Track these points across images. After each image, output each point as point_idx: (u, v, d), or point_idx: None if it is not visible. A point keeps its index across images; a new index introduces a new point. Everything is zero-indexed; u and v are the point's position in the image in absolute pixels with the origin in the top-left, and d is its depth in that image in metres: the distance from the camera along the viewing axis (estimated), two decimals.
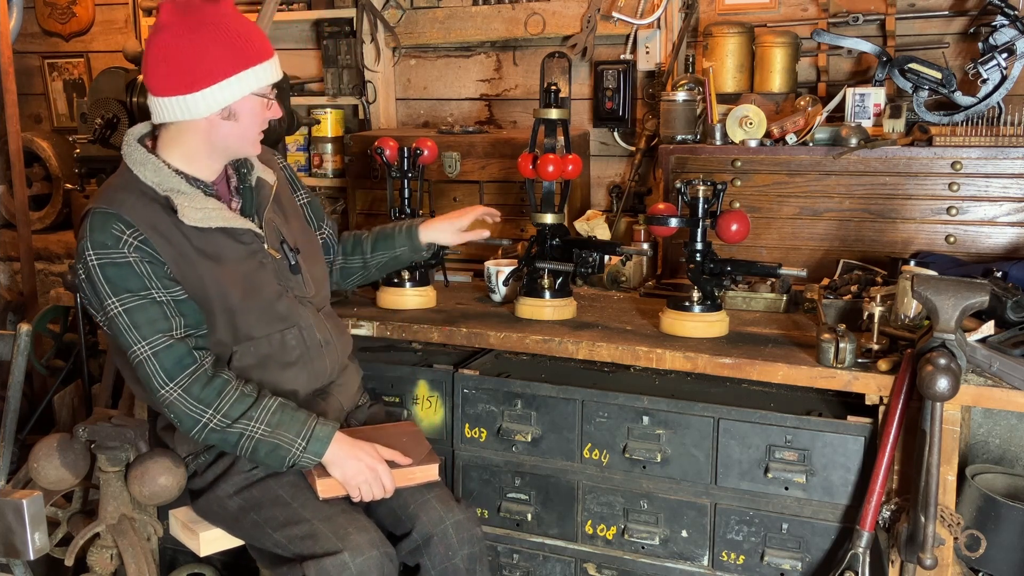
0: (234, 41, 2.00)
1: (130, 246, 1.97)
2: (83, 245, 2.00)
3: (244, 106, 2.04)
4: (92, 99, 2.88)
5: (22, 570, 2.38)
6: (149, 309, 1.98)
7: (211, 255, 2.06)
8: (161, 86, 2.01)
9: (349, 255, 2.51)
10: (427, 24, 3.66)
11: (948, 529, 2.01)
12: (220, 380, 2.00)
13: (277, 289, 2.15)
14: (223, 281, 2.06)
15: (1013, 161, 2.61)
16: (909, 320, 2.21)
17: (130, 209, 2.00)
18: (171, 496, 2.32)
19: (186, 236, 2.03)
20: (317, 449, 2.01)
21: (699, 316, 2.35)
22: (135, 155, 2.07)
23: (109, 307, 1.98)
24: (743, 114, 2.90)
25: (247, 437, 1.99)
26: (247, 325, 2.10)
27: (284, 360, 2.15)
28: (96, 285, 1.99)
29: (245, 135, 2.09)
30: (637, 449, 2.27)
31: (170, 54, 1.99)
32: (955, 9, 3.02)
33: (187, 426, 2.00)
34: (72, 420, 3.30)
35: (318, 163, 3.82)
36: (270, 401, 2.02)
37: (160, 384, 1.98)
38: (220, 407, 1.98)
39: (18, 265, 4.23)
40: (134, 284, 1.97)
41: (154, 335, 1.97)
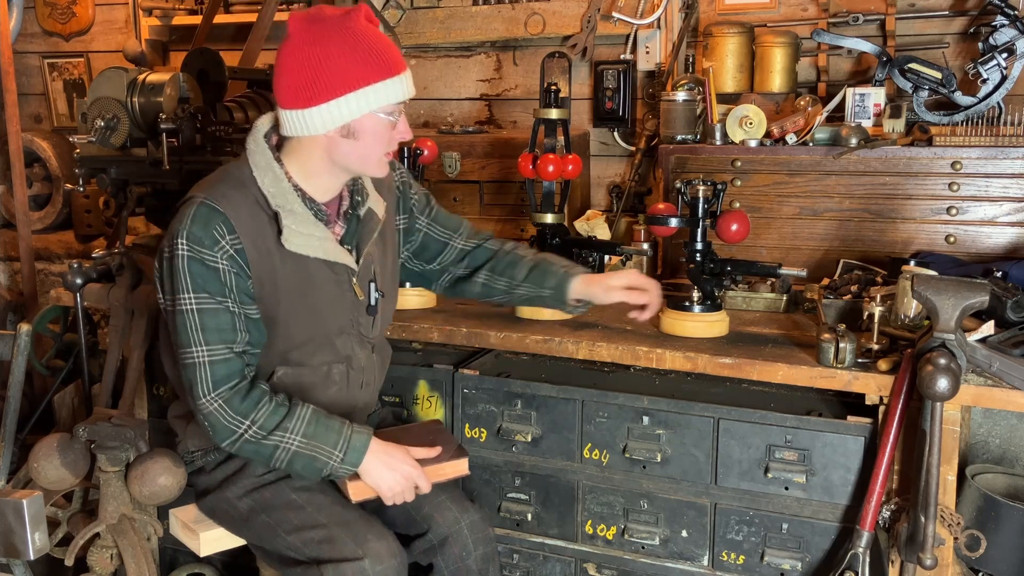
0: (356, 55, 1.90)
1: (225, 253, 1.92)
2: (178, 230, 1.92)
3: (365, 125, 1.94)
4: (92, 99, 2.88)
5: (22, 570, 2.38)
6: (220, 316, 1.93)
7: (297, 283, 2.01)
8: (283, 98, 1.94)
9: (498, 274, 2.34)
10: (427, 24, 3.66)
11: (948, 529, 2.01)
12: (257, 392, 1.96)
13: (345, 325, 2.11)
14: (298, 310, 2.03)
15: (1013, 161, 2.61)
16: (909, 320, 2.21)
17: (237, 213, 1.94)
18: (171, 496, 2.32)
19: (281, 257, 1.98)
20: (354, 459, 1.98)
21: (699, 316, 2.35)
22: (260, 158, 2.00)
23: (182, 301, 1.93)
24: (743, 114, 2.90)
25: (283, 449, 1.95)
26: (302, 353, 2.07)
27: (323, 391, 2.11)
28: (177, 275, 1.92)
29: (366, 156, 1.99)
30: (637, 449, 2.27)
31: (291, 65, 1.92)
32: (955, 9, 3.02)
33: (222, 436, 1.96)
34: (72, 420, 3.30)
35: None
36: (303, 410, 1.97)
37: (204, 392, 1.93)
38: (256, 419, 1.94)
39: (18, 265, 4.23)
40: (214, 288, 1.92)
41: (217, 344, 1.93)
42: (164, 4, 4.10)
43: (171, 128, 2.75)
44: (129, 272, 2.70)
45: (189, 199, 1.97)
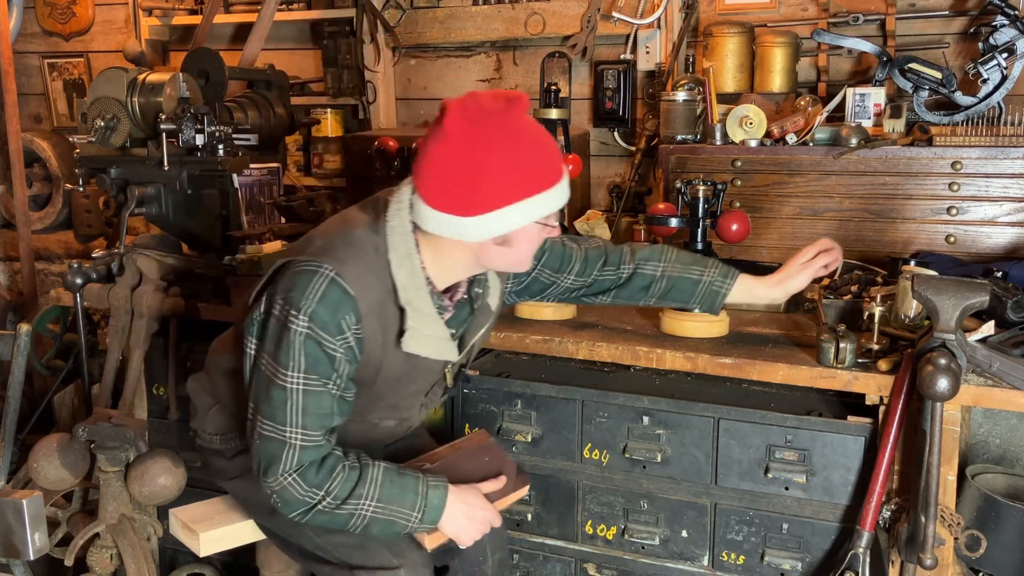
0: (522, 165, 1.75)
1: (346, 343, 1.79)
2: (300, 303, 1.76)
3: (521, 234, 1.81)
4: (92, 99, 2.88)
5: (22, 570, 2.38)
6: (323, 399, 1.80)
7: (398, 374, 1.93)
8: (434, 198, 1.77)
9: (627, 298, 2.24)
10: (427, 24, 3.66)
11: (948, 529, 2.01)
12: (332, 459, 1.83)
13: (419, 393, 2.05)
14: (385, 392, 1.96)
15: (1013, 161, 2.61)
16: (909, 320, 2.21)
17: (367, 301, 1.80)
18: (171, 496, 2.32)
19: (394, 350, 1.88)
20: (433, 517, 1.88)
21: (699, 316, 2.35)
22: (401, 244, 1.83)
23: (287, 378, 1.78)
24: (743, 114, 2.90)
25: (358, 516, 1.83)
26: (368, 412, 2.00)
27: (367, 436, 2.05)
28: (288, 349, 1.77)
29: (517, 260, 1.88)
30: (637, 449, 2.27)
31: (449, 169, 1.74)
32: (955, 9, 3.02)
33: (293, 508, 1.82)
34: (72, 420, 3.30)
35: (318, 163, 3.82)
36: (375, 472, 1.85)
37: (282, 471, 1.80)
38: (331, 489, 1.81)
39: (18, 265, 4.23)
40: (324, 371, 1.79)
41: (315, 429, 1.79)
42: (164, 4, 4.11)
43: (171, 128, 2.76)
44: (129, 272, 2.70)
45: (316, 266, 1.77)
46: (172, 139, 2.79)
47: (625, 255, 2.23)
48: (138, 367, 2.69)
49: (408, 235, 1.83)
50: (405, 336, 1.85)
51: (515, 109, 1.75)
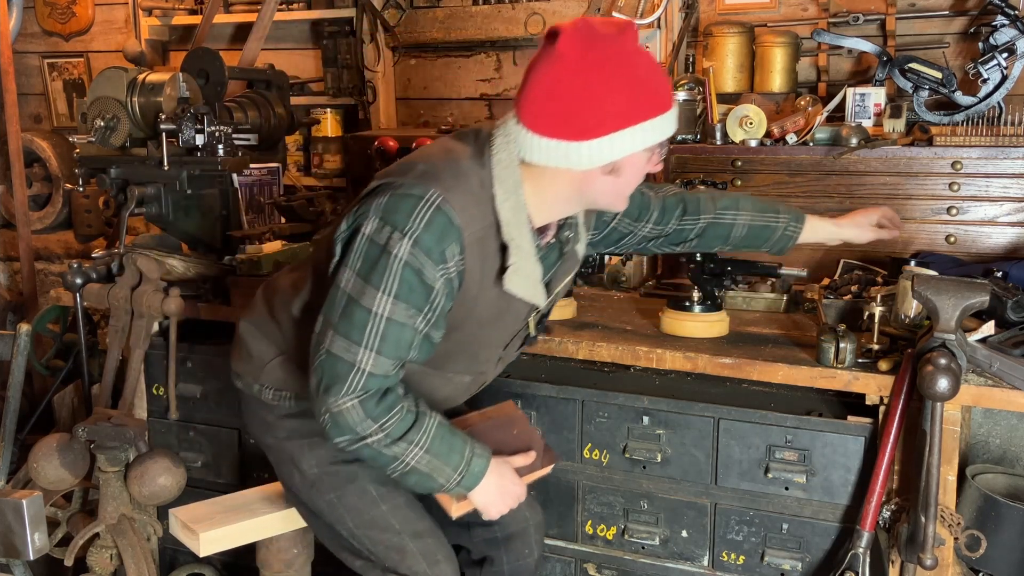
0: (636, 87, 1.69)
1: (447, 275, 1.72)
2: (403, 226, 1.68)
3: (630, 161, 1.74)
4: (92, 99, 2.88)
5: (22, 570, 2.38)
6: (406, 332, 1.72)
7: (490, 316, 1.87)
8: (543, 124, 1.70)
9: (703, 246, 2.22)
10: (427, 24, 3.66)
11: (948, 529, 2.01)
12: (393, 396, 1.77)
13: (498, 346, 1.99)
14: (472, 336, 1.89)
15: (1013, 161, 2.61)
16: (909, 320, 2.21)
17: (472, 232, 1.73)
18: (171, 496, 2.32)
19: (490, 288, 1.81)
20: (470, 484, 1.84)
21: (699, 316, 2.35)
22: (507, 177, 1.76)
23: (374, 299, 1.70)
24: (743, 114, 2.90)
25: (402, 462, 1.77)
26: (445, 362, 1.93)
27: (435, 390, 1.99)
28: (383, 271, 1.69)
29: (621, 193, 1.81)
30: (637, 449, 2.27)
31: (562, 92, 1.67)
32: (955, 9, 3.02)
33: (340, 433, 1.74)
34: (72, 420, 3.30)
35: (318, 163, 3.82)
36: (430, 422, 1.79)
37: (344, 393, 1.72)
38: (386, 425, 1.74)
39: (18, 265, 4.23)
40: (417, 302, 1.71)
41: (389, 357, 1.72)
42: (164, 4, 4.11)
43: (171, 128, 2.76)
44: (129, 272, 2.70)
45: (423, 189, 1.70)
46: (172, 139, 2.79)
47: (703, 204, 2.19)
48: (138, 367, 2.69)
49: (515, 168, 1.76)
50: (508, 273, 1.78)
51: (628, 34, 1.69)
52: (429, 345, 1.79)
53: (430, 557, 1.96)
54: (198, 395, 2.74)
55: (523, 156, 1.74)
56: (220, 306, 2.70)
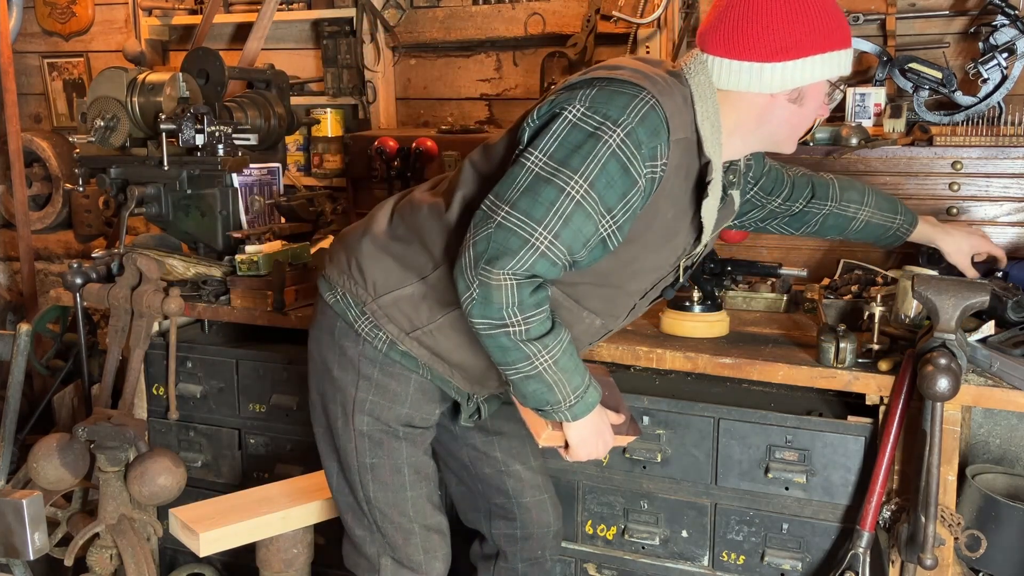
0: (827, 16, 1.71)
1: (651, 173, 1.67)
2: (617, 117, 1.64)
3: (814, 91, 1.76)
4: (92, 99, 2.88)
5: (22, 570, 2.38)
6: (589, 225, 1.65)
7: (660, 237, 1.81)
8: (735, 46, 1.71)
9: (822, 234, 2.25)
10: (427, 24, 3.66)
11: (948, 529, 2.01)
12: (544, 293, 1.69)
13: (639, 292, 1.93)
14: (635, 259, 1.83)
15: (1013, 161, 2.60)
16: (909, 320, 2.21)
17: (678, 138, 1.70)
18: (171, 496, 2.32)
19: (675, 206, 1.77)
20: (579, 411, 1.77)
21: (699, 316, 2.35)
22: (706, 95, 1.75)
23: (569, 181, 1.63)
24: None
25: (530, 364, 1.70)
26: (588, 293, 1.86)
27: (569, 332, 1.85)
28: (587, 156, 1.63)
29: (798, 126, 1.82)
30: (637, 449, 2.27)
31: (758, 13, 1.69)
32: (955, 9, 3.02)
33: (486, 312, 1.65)
34: (72, 420, 3.30)
35: (318, 163, 3.82)
36: (564, 335, 1.73)
37: (510, 267, 1.62)
38: (529, 320, 1.66)
39: (18, 265, 4.23)
40: (610, 198, 1.65)
41: (564, 244, 1.64)
42: (164, 4, 4.10)
43: (171, 128, 2.76)
44: (129, 272, 2.70)
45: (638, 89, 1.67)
46: (172, 139, 2.79)
47: (831, 191, 2.21)
48: (138, 367, 2.69)
49: (712, 89, 1.75)
50: (707, 191, 1.76)
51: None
52: (602, 251, 1.73)
53: (430, 552, 1.97)
54: (198, 395, 2.74)
55: (716, 83, 1.75)
56: (220, 306, 2.70)
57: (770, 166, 2.16)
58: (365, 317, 1.88)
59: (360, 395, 1.91)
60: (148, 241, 3.00)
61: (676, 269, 1.94)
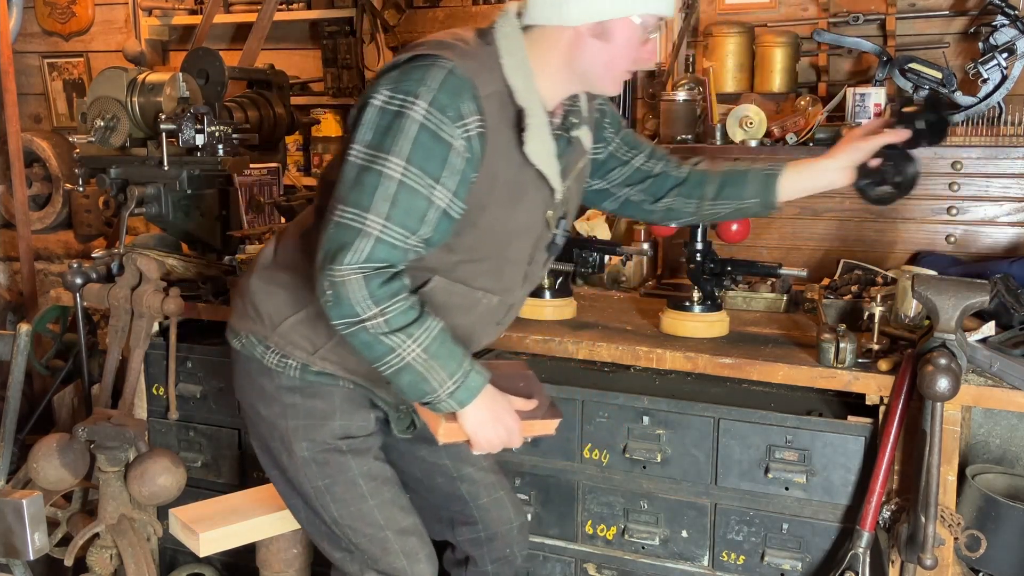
0: None
1: (466, 133, 1.67)
2: (418, 90, 1.64)
3: (620, 28, 1.71)
4: (92, 99, 2.88)
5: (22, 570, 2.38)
6: (418, 200, 1.66)
7: (510, 193, 1.79)
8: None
9: (685, 197, 2.11)
10: (427, 24, 3.66)
11: (948, 529, 2.01)
12: (399, 283, 1.69)
13: (523, 257, 1.91)
14: (498, 223, 1.81)
15: (1013, 161, 2.61)
16: (909, 320, 2.21)
17: (487, 94, 1.69)
18: (171, 496, 2.32)
19: (508, 160, 1.75)
20: (463, 398, 1.74)
21: (699, 316, 2.35)
22: (513, 45, 1.75)
23: (387, 163, 1.64)
24: (743, 114, 2.90)
25: (397, 355, 1.69)
26: (472, 271, 1.85)
27: (462, 315, 1.89)
28: (397, 135, 1.65)
29: (610, 64, 1.76)
30: (637, 449, 2.27)
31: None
32: (955, 9, 3.02)
33: (342, 313, 1.67)
34: (72, 420, 3.30)
35: (318, 163, 3.82)
36: (433, 323, 1.72)
37: (349, 261, 1.64)
38: (387, 311, 1.66)
39: (18, 265, 4.23)
40: (433, 168, 1.66)
41: (398, 226, 1.66)
42: (164, 4, 4.11)
43: (171, 128, 2.76)
44: (129, 272, 2.70)
45: (433, 59, 1.68)
46: (172, 139, 2.79)
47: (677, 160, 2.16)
48: (138, 367, 2.69)
49: (519, 39, 1.75)
50: (526, 133, 1.73)
51: None
52: (447, 224, 1.73)
53: (411, 556, 1.95)
54: (198, 395, 2.74)
55: (522, 20, 1.75)
56: (220, 306, 2.70)
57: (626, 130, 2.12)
58: (271, 351, 1.92)
59: (291, 424, 1.93)
60: (148, 241, 3.00)
61: (549, 223, 1.90)
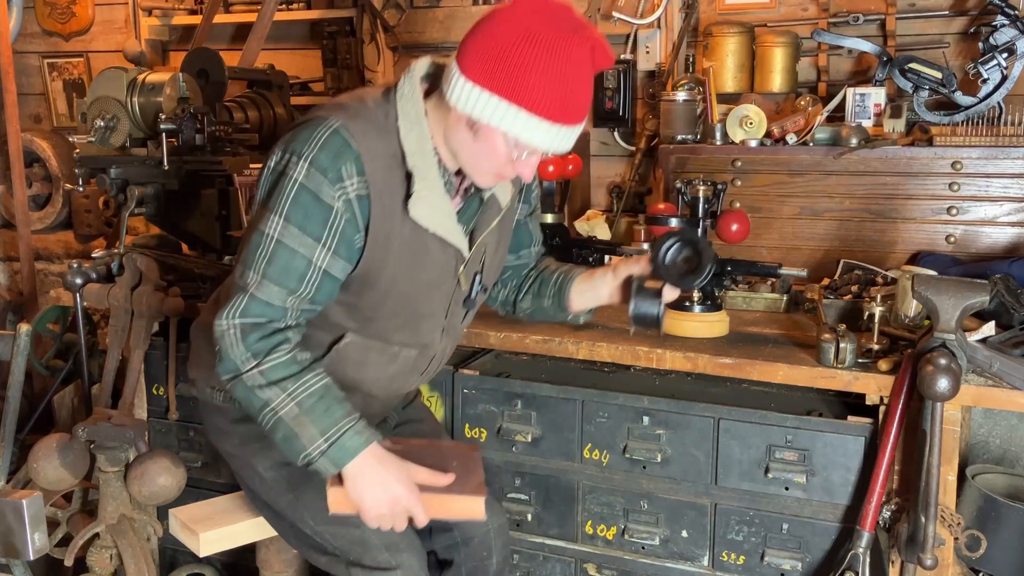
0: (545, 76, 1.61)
1: (346, 195, 1.70)
2: (301, 149, 1.70)
3: (490, 135, 1.69)
4: (92, 99, 2.88)
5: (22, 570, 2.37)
6: (296, 260, 1.71)
7: (410, 253, 1.82)
8: (461, 49, 1.68)
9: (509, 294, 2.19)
10: (427, 24, 3.66)
11: (948, 529, 2.01)
12: (280, 336, 1.74)
13: (437, 311, 1.94)
14: (402, 281, 1.84)
15: (1013, 161, 2.61)
16: (909, 320, 2.21)
17: (373, 157, 1.72)
18: (171, 496, 2.32)
19: (402, 220, 1.78)
20: (338, 457, 1.74)
21: (699, 316, 2.35)
22: (411, 108, 1.76)
23: (268, 221, 1.71)
24: (743, 114, 2.90)
25: (271, 409, 1.72)
26: (385, 328, 1.90)
27: (380, 368, 1.96)
28: (279, 193, 1.71)
29: (476, 160, 1.75)
30: (637, 449, 2.27)
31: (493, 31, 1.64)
32: (955, 9, 3.02)
33: (225, 364, 1.75)
34: (72, 420, 3.30)
35: None
36: (314, 379, 1.74)
37: (227, 314, 1.72)
38: (263, 363, 1.71)
39: (18, 265, 4.23)
40: (312, 229, 1.70)
41: (273, 284, 1.71)
42: (164, 4, 4.11)
43: (171, 128, 2.76)
44: (129, 272, 2.70)
45: (322, 119, 1.72)
46: (172, 139, 2.79)
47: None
48: (138, 367, 2.69)
49: (417, 101, 1.76)
50: (412, 199, 1.75)
51: (588, 33, 1.64)
52: (331, 284, 1.77)
53: (393, 548, 1.94)
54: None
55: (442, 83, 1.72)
56: None
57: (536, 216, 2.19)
58: (216, 390, 2.06)
59: (250, 451, 2.02)
60: (148, 241, 3.00)
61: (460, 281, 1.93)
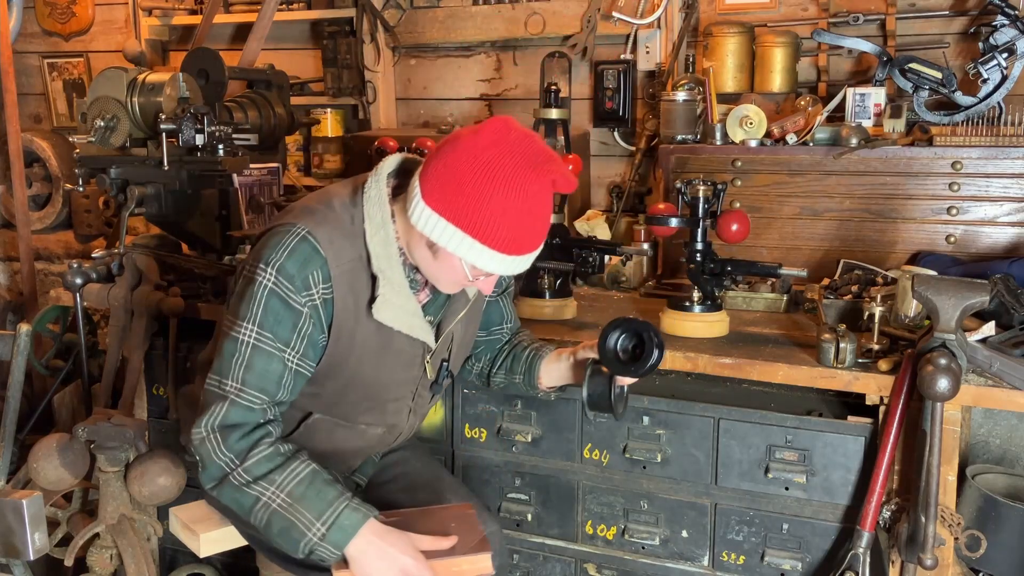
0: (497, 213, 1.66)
1: (312, 301, 1.76)
2: (270, 257, 1.75)
3: (446, 256, 1.74)
4: (92, 99, 2.88)
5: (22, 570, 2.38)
6: (273, 364, 1.76)
7: (375, 346, 1.87)
8: (426, 170, 1.72)
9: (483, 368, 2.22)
10: (427, 24, 3.66)
11: (948, 529, 2.01)
12: (262, 431, 1.77)
13: (404, 396, 2.00)
14: (366, 371, 1.89)
15: (1013, 161, 2.61)
16: (909, 320, 2.21)
17: (339, 263, 1.78)
18: (171, 496, 2.32)
19: (367, 317, 1.83)
20: (338, 540, 1.72)
21: (699, 316, 2.35)
22: (376, 212, 1.81)
23: (242, 329, 1.76)
24: (743, 114, 2.90)
25: (263, 504, 1.73)
26: (350, 410, 1.95)
27: (349, 442, 2.01)
28: (250, 301, 1.76)
29: (435, 275, 1.82)
30: (637, 449, 2.27)
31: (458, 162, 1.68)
32: (955, 9, 3.02)
33: (208, 476, 1.77)
34: (72, 420, 3.30)
35: (318, 163, 3.82)
36: (301, 467, 1.76)
37: (206, 423, 1.76)
38: (247, 461, 1.74)
39: (18, 265, 4.23)
40: (283, 333, 1.76)
41: (253, 389, 1.76)
42: (164, 4, 4.11)
43: (171, 128, 2.75)
44: (129, 272, 2.70)
45: (290, 226, 1.77)
46: (172, 139, 2.79)
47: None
48: (138, 367, 2.69)
49: (384, 204, 1.81)
50: (376, 303, 1.80)
51: (548, 172, 1.68)
52: (301, 379, 1.82)
53: None
54: None
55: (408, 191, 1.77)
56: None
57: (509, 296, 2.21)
58: None
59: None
60: (148, 241, 2.99)
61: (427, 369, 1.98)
